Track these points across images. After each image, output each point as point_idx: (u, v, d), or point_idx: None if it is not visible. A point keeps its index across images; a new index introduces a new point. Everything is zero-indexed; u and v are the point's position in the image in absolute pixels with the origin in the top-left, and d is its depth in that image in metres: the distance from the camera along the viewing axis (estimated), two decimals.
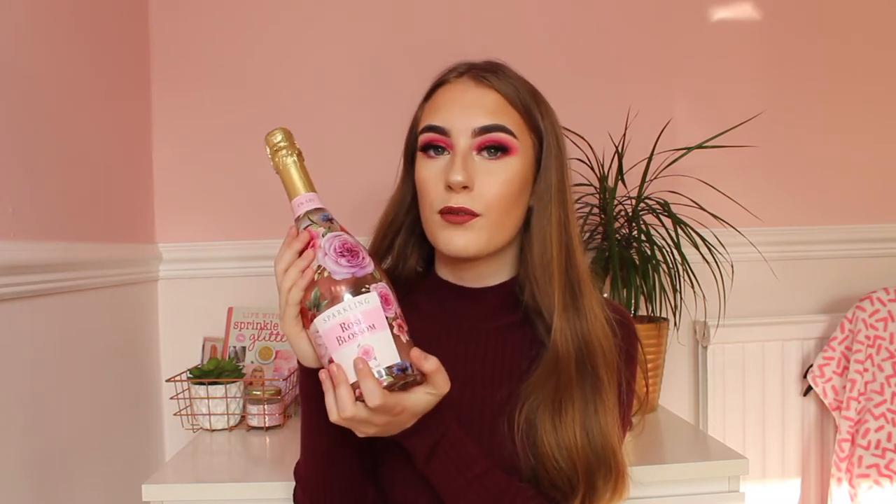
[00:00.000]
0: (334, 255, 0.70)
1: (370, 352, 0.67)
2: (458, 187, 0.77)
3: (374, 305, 0.68)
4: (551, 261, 0.81)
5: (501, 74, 0.82)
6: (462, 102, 0.81)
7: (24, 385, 1.08)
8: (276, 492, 1.11)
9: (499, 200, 0.79)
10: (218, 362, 1.44)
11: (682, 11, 1.70)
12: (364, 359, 0.66)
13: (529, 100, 0.83)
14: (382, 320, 0.68)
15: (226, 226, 1.63)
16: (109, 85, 1.42)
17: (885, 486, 1.52)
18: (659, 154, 1.53)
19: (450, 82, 0.84)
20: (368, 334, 0.67)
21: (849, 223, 1.75)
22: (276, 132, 0.74)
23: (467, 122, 0.79)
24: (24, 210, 1.08)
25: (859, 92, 1.75)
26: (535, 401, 0.78)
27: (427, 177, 0.81)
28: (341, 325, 0.67)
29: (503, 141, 0.79)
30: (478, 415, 0.81)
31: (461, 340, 0.85)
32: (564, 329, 0.80)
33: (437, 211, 0.80)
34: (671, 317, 1.51)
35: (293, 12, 1.63)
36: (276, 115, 1.61)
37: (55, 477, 1.16)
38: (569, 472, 0.76)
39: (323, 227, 0.72)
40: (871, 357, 1.59)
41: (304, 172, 0.74)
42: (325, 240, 0.71)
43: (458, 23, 1.65)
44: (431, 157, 0.81)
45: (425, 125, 0.82)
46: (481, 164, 0.79)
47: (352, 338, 0.67)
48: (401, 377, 0.67)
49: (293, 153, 0.73)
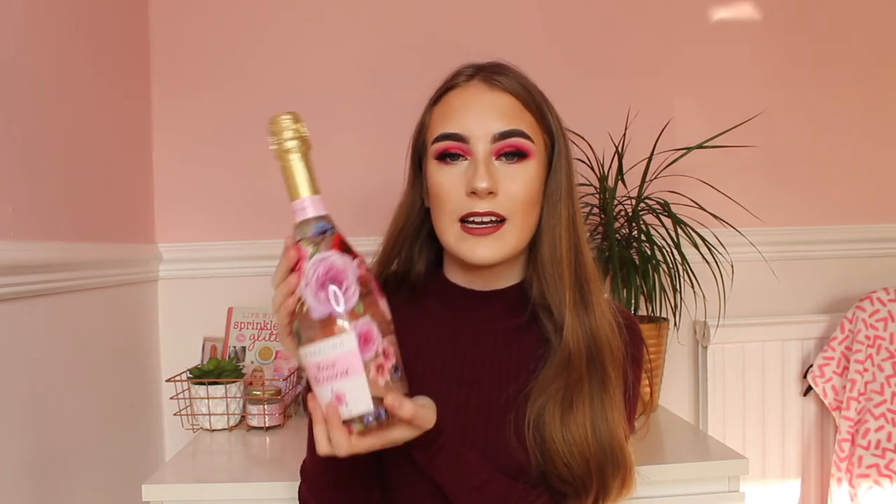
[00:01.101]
0: (315, 287, 0.65)
1: (342, 398, 0.64)
2: (484, 193, 0.77)
3: (350, 349, 0.64)
4: (561, 259, 0.81)
5: (511, 76, 0.82)
6: (477, 107, 0.80)
7: (24, 385, 1.08)
8: (276, 492, 1.11)
9: (523, 203, 0.79)
10: (218, 362, 1.44)
11: (682, 11, 1.70)
12: (335, 405, 0.64)
13: (541, 101, 0.83)
14: (358, 364, 0.64)
15: (226, 226, 1.63)
16: (109, 85, 1.42)
17: (885, 486, 1.52)
18: (659, 154, 1.53)
19: (460, 86, 0.83)
20: (340, 380, 0.64)
21: (849, 223, 1.75)
22: (282, 118, 0.67)
23: (485, 128, 0.79)
24: (24, 210, 1.08)
25: (859, 92, 1.75)
26: (545, 397, 0.78)
27: (444, 184, 0.80)
28: (316, 366, 0.65)
29: (522, 146, 0.79)
30: (484, 415, 0.81)
31: (469, 342, 0.85)
32: (575, 326, 0.80)
33: (459, 218, 0.79)
34: (671, 317, 1.51)
35: (293, 12, 1.63)
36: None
37: (55, 477, 1.16)
38: (578, 467, 0.76)
39: (311, 246, 0.66)
40: (871, 357, 1.59)
41: (308, 169, 0.68)
42: (310, 264, 0.65)
43: (458, 22, 1.65)
44: (448, 164, 0.80)
45: (441, 133, 0.81)
46: (501, 168, 0.79)
47: (326, 380, 0.64)
48: (372, 426, 0.65)
49: (299, 147, 0.68)
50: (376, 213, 1.60)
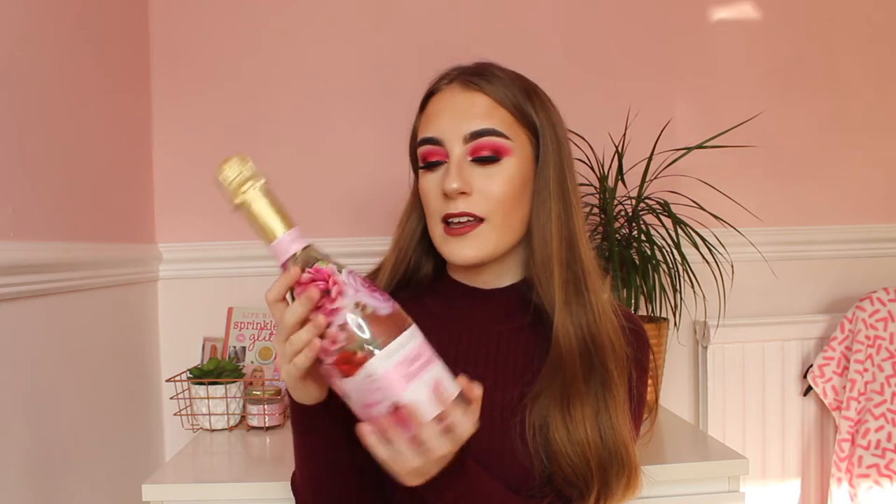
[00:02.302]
0: (368, 290, 0.62)
1: (440, 384, 0.61)
2: (455, 194, 0.78)
3: (420, 336, 0.63)
4: (551, 256, 0.80)
5: (490, 75, 0.82)
6: (452, 110, 0.81)
7: (24, 385, 1.08)
8: (276, 492, 1.11)
9: (501, 202, 0.79)
10: (218, 362, 1.44)
11: (682, 11, 1.70)
12: (445, 388, 0.61)
13: (521, 97, 0.82)
14: (432, 350, 0.63)
15: (226, 226, 1.62)
16: (110, 85, 1.42)
17: (885, 486, 1.52)
18: (659, 154, 1.53)
19: (441, 90, 0.84)
20: (432, 367, 0.61)
21: (849, 223, 1.75)
22: (229, 164, 0.62)
23: (458, 130, 0.79)
24: (24, 210, 1.08)
25: (859, 92, 1.74)
26: (544, 399, 0.77)
27: (427, 188, 0.82)
28: (405, 362, 0.60)
29: (495, 145, 0.79)
30: (488, 418, 0.80)
31: (472, 343, 0.85)
32: (566, 325, 0.79)
33: (440, 220, 0.80)
34: (671, 317, 1.51)
35: (294, 11, 1.63)
36: (277, 115, 1.61)
37: (55, 477, 1.16)
38: (582, 468, 0.75)
39: (333, 263, 0.63)
40: (871, 357, 1.59)
41: (278, 203, 0.63)
42: (344, 275, 0.62)
43: (458, 23, 1.65)
44: (432, 171, 0.82)
45: (421, 138, 0.83)
46: (477, 168, 0.79)
47: (419, 372, 0.60)
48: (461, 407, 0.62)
49: (259, 182, 0.62)
50: (376, 214, 1.62)
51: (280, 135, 1.61)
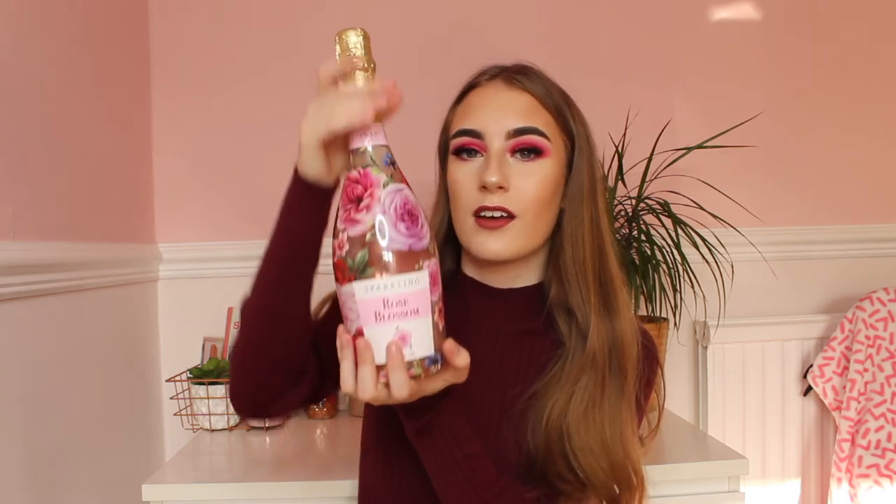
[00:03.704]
0: (394, 217, 0.60)
1: (407, 338, 0.60)
2: (494, 188, 0.77)
3: (423, 287, 0.61)
4: (584, 262, 0.81)
5: (533, 76, 0.83)
6: (495, 105, 0.81)
7: (24, 385, 1.08)
8: (276, 492, 1.11)
9: (534, 201, 0.79)
10: (218, 362, 1.44)
11: (682, 11, 1.70)
12: (400, 345, 0.60)
13: (561, 102, 0.83)
14: (427, 304, 0.61)
15: (226, 226, 1.63)
16: (110, 85, 1.42)
17: (885, 486, 1.52)
18: (659, 154, 1.53)
19: (481, 85, 0.84)
20: (410, 318, 0.60)
21: (849, 223, 1.75)
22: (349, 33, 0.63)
23: (501, 125, 0.79)
24: (24, 210, 1.08)
25: (859, 92, 1.75)
26: (565, 395, 0.78)
27: (459, 179, 0.81)
28: (384, 301, 0.59)
29: (537, 143, 0.79)
30: (486, 415, 0.81)
31: (479, 342, 0.84)
32: (601, 329, 0.80)
33: (472, 213, 0.79)
34: (671, 317, 1.51)
35: (293, 11, 1.63)
36: (277, 114, 1.61)
37: (55, 477, 1.16)
38: (590, 467, 0.76)
39: (384, 175, 0.61)
40: (871, 357, 1.59)
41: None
42: (385, 192, 0.60)
43: (458, 23, 1.65)
44: (464, 160, 0.81)
45: (458, 129, 0.82)
46: (515, 165, 0.79)
47: (392, 318, 0.60)
48: (430, 370, 0.62)
49: (368, 67, 0.63)
50: None
51: (280, 135, 1.61)
